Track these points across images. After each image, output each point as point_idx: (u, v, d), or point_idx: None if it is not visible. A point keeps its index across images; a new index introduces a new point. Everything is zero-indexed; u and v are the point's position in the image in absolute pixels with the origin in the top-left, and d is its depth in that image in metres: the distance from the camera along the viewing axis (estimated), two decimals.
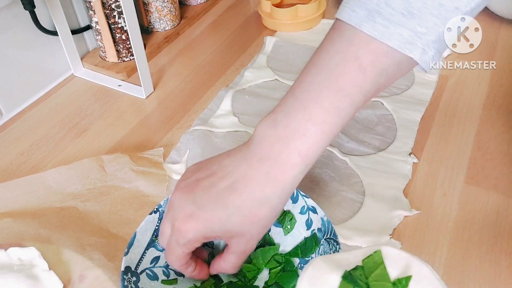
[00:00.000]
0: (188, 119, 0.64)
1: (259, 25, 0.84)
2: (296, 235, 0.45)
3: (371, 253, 0.32)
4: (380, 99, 0.64)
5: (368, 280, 0.32)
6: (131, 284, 0.39)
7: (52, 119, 0.66)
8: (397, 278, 0.31)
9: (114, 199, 0.52)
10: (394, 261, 0.32)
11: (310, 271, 0.32)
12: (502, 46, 0.74)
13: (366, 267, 0.32)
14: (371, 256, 0.32)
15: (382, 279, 0.31)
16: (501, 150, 0.56)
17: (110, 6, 0.68)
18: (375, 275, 0.32)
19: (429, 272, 0.31)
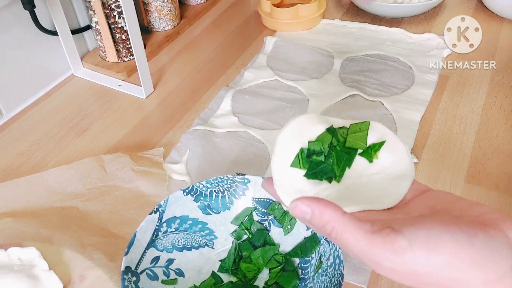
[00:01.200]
0: (188, 119, 0.64)
1: (259, 25, 0.84)
2: (296, 235, 0.45)
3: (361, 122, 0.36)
4: (380, 99, 0.64)
5: (347, 137, 0.35)
6: (132, 284, 0.39)
7: (52, 119, 0.66)
8: (372, 143, 0.35)
9: (114, 198, 0.52)
10: (377, 133, 0.36)
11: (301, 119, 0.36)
12: (502, 46, 0.74)
13: (351, 129, 0.36)
14: (359, 123, 0.36)
15: (359, 139, 0.35)
16: (502, 150, 0.56)
17: (110, 6, 0.68)
18: (355, 135, 0.36)
19: (403, 148, 0.35)
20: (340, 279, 0.38)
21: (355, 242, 0.28)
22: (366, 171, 0.35)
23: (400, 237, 0.27)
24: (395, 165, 0.34)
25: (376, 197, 0.32)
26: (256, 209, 0.47)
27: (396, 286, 0.44)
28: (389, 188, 0.32)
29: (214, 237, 0.47)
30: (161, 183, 0.54)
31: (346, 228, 0.28)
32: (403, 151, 0.35)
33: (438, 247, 0.26)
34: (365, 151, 0.35)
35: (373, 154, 0.35)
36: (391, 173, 0.34)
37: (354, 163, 0.35)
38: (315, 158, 0.35)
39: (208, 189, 0.46)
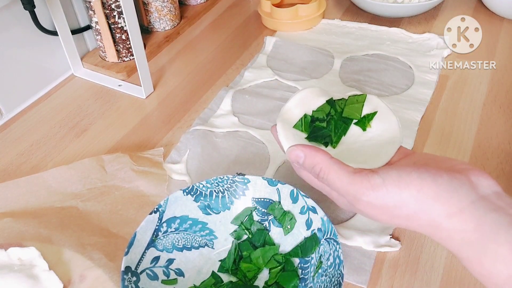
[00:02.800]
0: (188, 119, 0.64)
1: (259, 25, 0.84)
2: (296, 235, 0.45)
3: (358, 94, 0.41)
4: (380, 99, 0.64)
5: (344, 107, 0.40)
6: (132, 284, 0.39)
7: (52, 119, 0.66)
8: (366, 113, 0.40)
9: (114, 199, 0.52)
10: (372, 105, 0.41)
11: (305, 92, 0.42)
12: (502, 46, 0.74)
13: (349, 100, 0.41)
14: (357, 96, 0.41)
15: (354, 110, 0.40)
16: (502, 149, 0.56)
17: (110, 6, 0.68)
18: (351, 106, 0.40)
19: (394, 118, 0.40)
20: (340, 279, 0.38)
21: (339, 180, 0.33)
22: (360, 138, 0.39)
23: (375, 175, 0.32)
24: (385, 133, 0.39)
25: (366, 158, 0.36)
26: (256, 209, 0.47)
27: (396, 286, 0.44)
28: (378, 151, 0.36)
29: (214, 237, 0.47)
30: (161, 183, 0.54)
31: (332, 168, 0.33)
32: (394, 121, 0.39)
33: (406, 183, 0.31)
34: (360, 121, 0.40)
35: (367, 124, 0.40)
36: (382, 140, 0.38)
37: (349, 131, 0.40)
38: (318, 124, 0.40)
39: (208, 189, 0.46)
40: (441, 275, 0.44)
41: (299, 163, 0.36)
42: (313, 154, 0.35)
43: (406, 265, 0.45)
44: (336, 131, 0.39)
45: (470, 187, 0.31)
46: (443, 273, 0.44)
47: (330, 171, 0.34)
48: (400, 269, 0.45)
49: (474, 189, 0.31)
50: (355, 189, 0.32)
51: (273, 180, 0.46)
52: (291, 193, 0.45)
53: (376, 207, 0.32)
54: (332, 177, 0.33)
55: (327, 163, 0.34)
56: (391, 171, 0.32)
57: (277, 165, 0.56)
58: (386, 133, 0.39)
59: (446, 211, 0.30)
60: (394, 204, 0.31)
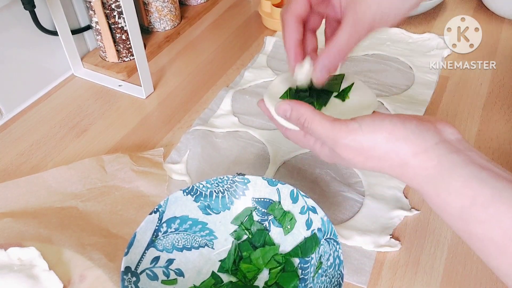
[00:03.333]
0: (188, 119, 0.64)
1: (259, 25, 0.84)
2: (296, 235, 0.45)
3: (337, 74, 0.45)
4: (380, 99, 0.64)
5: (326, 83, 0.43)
6: (131, 284, 0.39)
7: (52, 119, 0.66)
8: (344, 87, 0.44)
9: (114, 199, 0.52)
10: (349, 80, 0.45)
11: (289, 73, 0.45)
12: (502, 46, 0.74)
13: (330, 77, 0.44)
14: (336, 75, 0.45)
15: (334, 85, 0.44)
16: (502, 150, 0.56)
17: (110, 6, 0.68)
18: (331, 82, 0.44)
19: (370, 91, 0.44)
20: (340, 279, 0.38)
21: (321, 127, 0.37)
22: (340, 107, 0.43)
23: (353, 121, 0.36)
24: (362, 102, 0.43)
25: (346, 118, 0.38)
26: (256, 209, 0.47)
27: (396, 286, 0.44)
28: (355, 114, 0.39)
29: (214, 237, 0.47)
30: (161, 183, 0.54)
31: (315, 117, 0.37)
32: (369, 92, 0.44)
33: (380, 127, 0.35)
34: (339, 94, 0.44)
35: (345, 95, 0.44)
36: (359, 105, 0.43)
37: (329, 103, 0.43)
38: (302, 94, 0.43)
39: (208, 189, 0.46)
40: (441, 276, 0.44)
41: (287, 116, 0.40)
42: (298, 107, 0.38)
43: (406, 266, 0.45)
44: (318, 100, 0.43)
45: (435, 132, 0.35)
46: (443, 273, 0.44)
47: (313, 120, 0.37)
48: (400, 270, 0.45)
49: (439, 134, 0.35)
50: (334, 133, 0.36)
51: (273, 180, 0.46)
52: (291, 193, 0.45)
53: (353, 149, 0.35)
54: (315, 125, 0.37)
55: (311, 113, 0.37)
56: (367, 118, 0.36)
57: (277, 165, 0.56)
58: (363, 101, 0.43)
59: (413, 150, 0.34)
60: (368, 146, 0.35)
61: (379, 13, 0.39)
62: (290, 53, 0.43)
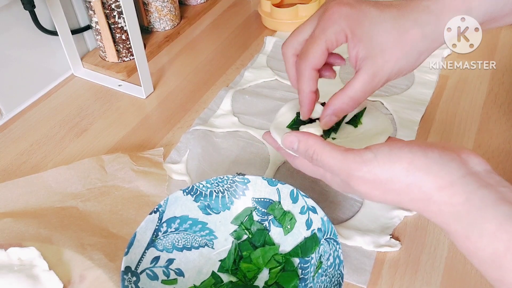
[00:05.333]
0: (188, 119, 0.64)
1: (259, 25, 0.84)
2: (296, 235, 0.45)
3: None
4: (380, 99, 0.64)
5: None
6: (131, 284, 0.39)
7: (52, 119, 0.66)
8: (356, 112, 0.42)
9: (114, 199, 0.52)
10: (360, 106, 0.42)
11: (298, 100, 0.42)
12: (502, 46, 0.74)
13: None
14: None
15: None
16: (502, 149, 0.56)
17: (110, 6, 0.68)
18: None
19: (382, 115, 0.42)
20: (340, 279, 0.38)
21: (332, 159, 0.34)
22: (352, 133, 0.41)
23: (367, 151, 0.32)
24: (376, 127, 0.41)
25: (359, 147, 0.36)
26: (256, 209, 0.47)
27: (396, 286, 0.44)
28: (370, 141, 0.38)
29: (214, 237, 0.47)
30: (161, 183, 0.54)
31: (324, 149, 0.35)
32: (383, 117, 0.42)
33: (398, 157, 0.31)
34: (351, 119, 0.42)
35: (358, 121, 0.42)
36: (372, 131, 0.40)
37: (341, 129, 0.42)
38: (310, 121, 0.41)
39: (208, 189, 0.46)
40: (441, 275, 0.44)
41: (294, 148, 0.37)
42: (306, 138, 0.36)
43: (406, 265, 0.45)
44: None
45: (461, 163, 0.31)
46: (444, 273, 0.44)
47: (323, 152, 0.35)
48: (400, 269, 0.45)
49: (465, 164, 0.31)
50: (347, 165, 0.33)
51: (273, 180, 0.46)
52: (291, 193, 0.45)
53: (369, 181, 0.32)
54: (325, 157, 0.34)
55: (320, 145, 0.35)
56: (383, 147, 0.33)
57: (277, 165, 0.56)
58: (377, 127, 0.41)
59: (437, 183, 0.30)
60: (386, 178, 0.32)
61: (396, 68, 0.38)
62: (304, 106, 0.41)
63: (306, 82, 0.40)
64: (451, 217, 0.30)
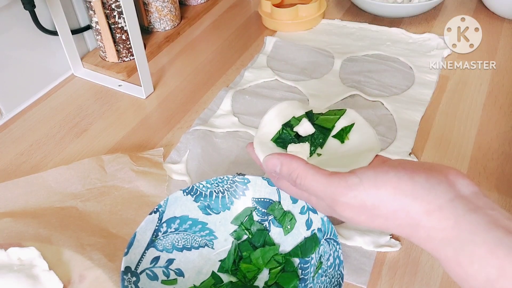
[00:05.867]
0: (188, 119, 0.64)
1: (259, 25, 0.84)
2: (296, 235, 0.45)
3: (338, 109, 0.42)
4: (380, 99, 0.64)
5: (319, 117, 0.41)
6: (131, 284, 0.39)
7: (52, 119, 0.66)
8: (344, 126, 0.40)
9: (114, 199, 0.52)
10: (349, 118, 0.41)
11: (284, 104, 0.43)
12: (502, 46, 0.74)
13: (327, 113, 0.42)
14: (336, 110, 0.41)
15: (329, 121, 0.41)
16: (502, 150, 0.56)
17: (110, 6, 0.68)
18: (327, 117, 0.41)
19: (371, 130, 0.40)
20: (340, 279, 0.38)
21: (316, 183, 0.33)
22: (338, 149, 0.40)
23: (352, 175, 0.31)
24: (363, 144, 0.39)
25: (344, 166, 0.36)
26: (256, 209, 0.47)
27: (396, 286, 0.44)
28: (356, 159, 0.37)
29: (214, 237, 0.47)
30: (161, 183, 0.54)
31: (308, 173, 0.33)
32: (371, 133, 0.40)
33: (384, 182, 0.30)
34: (338, 133, 0.40)
35: (345, 136, 0.40)
36: (360, 149, 0.39)
37: (327, 144, 0.40)
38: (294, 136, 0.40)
39: (208, 189, 0.46)
40: (441, 276, 0.44)
41: (276, 172, 0.36)
42: (289, 161, 0.35)
43: (406, 266, 0.45)
44: (313, 141, 0.40)
45: (448, 185, 0.30)
46: (443, 273, 0.44)
47: (307, 176, 0.33)
48: (400, 270, 0.45)
49: (452, 187, 0.30)
50: (332, 190, 0.32)
51: None
52: None
53: (355, 207, 0.31)
54: (309, 181, 0.33)
55: (303, 168, 0.34)
56: (368, 171, 0.32)
57: None
58: (364, 144, 0.39)
59: (425, 208, 0.30)
60: (372, 203, 0.31)
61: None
62: None
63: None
64: (441, 242, 0.29)
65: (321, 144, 0.40)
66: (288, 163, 0.35)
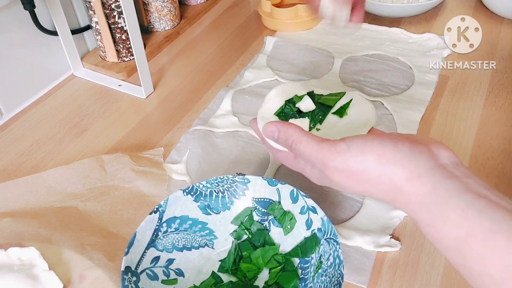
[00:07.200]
0: (188, 119, 0.64)
1: (259, 25, 0.84)
2: (296, 235, 0.45)
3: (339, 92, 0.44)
4: (380, 99, 0.64)
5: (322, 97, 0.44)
6: (131, 284, 0.39)
7: (52, 119, 0.66)
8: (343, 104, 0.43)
9: (114, 199, 0.52)
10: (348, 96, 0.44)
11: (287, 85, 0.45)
12: (502, 46, 0.74)
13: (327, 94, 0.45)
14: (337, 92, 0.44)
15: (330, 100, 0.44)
16: (502, 149, 0.56)
17: (110, 6, 0.68)
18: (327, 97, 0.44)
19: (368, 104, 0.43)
20: (340, 279, 0.38)
21: (309, 148, 0.35)
22: (337, 124, 0.42)
23: (341, 142, 0.34)
24: (360, 117, 0.42)
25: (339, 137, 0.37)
26: (256, 209, 0.47)
27: (396, 286, 0.44)
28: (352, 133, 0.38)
29: (214, 237, 0.47)
30: (161, 183, 0.54)
31: (302, 138, 0.36)
32: (369, 107, 0.43)
33: (370, 149, 0.33)
34: (338, 110, 0.43)
35: (343, 112, 0.43)
36: (356, 123, 0.41)
37: (327, 119, 0.43)
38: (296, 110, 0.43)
39: (208, 189, 0.46)
40: (441, 275, 0.44)
41: (274, 138, 0.39)
42: (286, 128, 0.37)
43: (406, 265, 0.45)
44: (313, 116, 0.42)
45: (429, 155, 0.33)
46: (443, 273, 0.44)
47: (301, 141, 0.36)
48: (400, 269, 0.45)
49: (433, 157, 0.33)
50: (322, 155, 0.35)
51: (273, 180, 0.46)
52: (291, 193, 0.45)
53: (342, 171, 0.34)
54: (303, 146, 0.36)
55: (298, 135, 0.36)
56: (356, 139, 0.34)
57: (277, 165, 0.56)
58: (361, 118, 0.42)
59: (406, 175, 0.32)
60: (358, 169, 0.33)
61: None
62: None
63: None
64: (419, 206, 0.32)
65: (321, 121, 0.42)
66: (285, 130, 0.38)
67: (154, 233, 0.44)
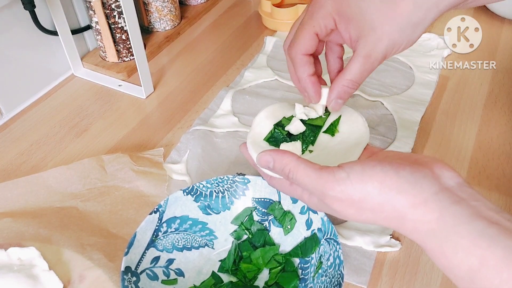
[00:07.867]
0: (188, 119, 0.64)
1: (260, 25, 0.84)
2: (296, 235, 0.45)
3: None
4: (380, 99, 0.64)
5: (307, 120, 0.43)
6: (131, 284, 0.39)
7: (52, 119, 0.66)
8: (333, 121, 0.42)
9: (114, 199, 0.52)
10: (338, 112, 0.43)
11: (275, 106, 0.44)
12: (502, 46, 0.74)
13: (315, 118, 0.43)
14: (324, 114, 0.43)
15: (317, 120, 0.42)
16: (503, 150, 0.56)
17: (110, 6, 0.68)
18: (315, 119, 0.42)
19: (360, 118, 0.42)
20: (340, 279, 0.38)
21: (307, 177, 0.34)
22: (329, 143, 0.41)
23: (340, 170, 0.33)
24: (353, 134, 0.41)
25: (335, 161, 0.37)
26: (256, 209, 0.47)
27: (396, 286, 0.44)
28: (346, 153, 0.38)
29: (214, 237, 0.47)
30: (161, 183, 0.54)
31: (299, 167, 0.34)
32: (360, 121, 0.42)
33: (370, 176, 0.32)
34: (328, 128, 0.42)
35: (334, 129, 0.42)
36: (350, 141, 0.40)
37: (318, 139, 0.41)
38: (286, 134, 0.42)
39: (208, 189, 0.46)
40: (441, 276, 0.44)
41: (270, 168, 0.37)
42: (281, 157, 0.36)
43: (406, 266, 0.45)
44: (304, 138, 0.41)
45: (433, 179, 0.31)
46: (443, 274, 0.44)
47: (298, 170, 0.34)
48: (400, 270, 0.45)
49: (437, 180, 0.31)
50: (321, 184, 0.33)
51: None
52: None
53: (343, 200, 0.33)
54: (300, 175, 0.34)
55: (295, 163, 0.35)
56: (356, 165, 0.33)
57: None
58: (354, 134, 0.41)
59: (410, 201, 0.31)
60: (359, 197, 0.32)
61: (390, 44, 0.37)
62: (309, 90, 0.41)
63: (300, 67, 0.40)
64: (426, 234, 0.30)
65: (312, 142, 0.41)
66: (280, 159, 0.36)
67: (154, 233, 0.44)
